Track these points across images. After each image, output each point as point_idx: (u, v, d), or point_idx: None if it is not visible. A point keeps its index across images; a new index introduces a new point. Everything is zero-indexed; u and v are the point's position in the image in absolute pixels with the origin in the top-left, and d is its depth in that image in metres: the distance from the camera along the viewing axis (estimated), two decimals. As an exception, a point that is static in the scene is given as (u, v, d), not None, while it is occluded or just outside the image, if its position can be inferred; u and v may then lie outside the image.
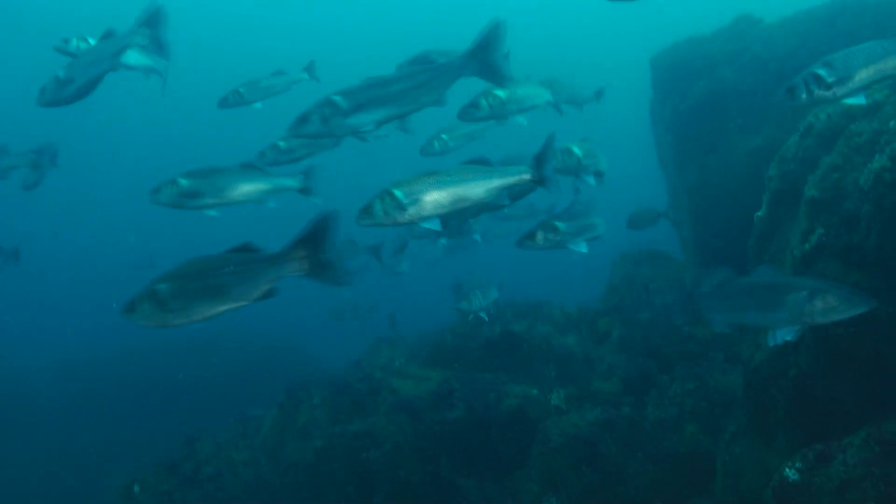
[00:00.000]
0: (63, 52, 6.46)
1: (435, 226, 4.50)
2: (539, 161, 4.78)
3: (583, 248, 5.70)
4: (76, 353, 17.61)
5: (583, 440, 7.31)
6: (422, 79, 4.98)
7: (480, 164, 4.68)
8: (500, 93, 5.94)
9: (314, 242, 4.07)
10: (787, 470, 4.99)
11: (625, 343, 8.96)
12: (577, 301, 12.26)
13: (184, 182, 5.38)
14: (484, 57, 4.99)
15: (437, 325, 12.04)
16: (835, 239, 5.35)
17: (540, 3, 37.12)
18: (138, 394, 16.29)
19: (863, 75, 4.38)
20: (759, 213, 6.75)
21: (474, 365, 9.71)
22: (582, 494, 7.13)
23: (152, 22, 5.71)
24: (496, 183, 4.67)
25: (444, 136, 7.37)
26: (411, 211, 4.44)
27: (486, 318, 7.57)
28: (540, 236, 5.60)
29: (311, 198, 5.42)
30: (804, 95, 4.47)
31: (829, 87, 4.40)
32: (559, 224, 5.60)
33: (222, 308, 4.07)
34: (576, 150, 6.27)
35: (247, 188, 5.46)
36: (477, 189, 4.60)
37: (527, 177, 4.76)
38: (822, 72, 4.43)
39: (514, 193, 4.97)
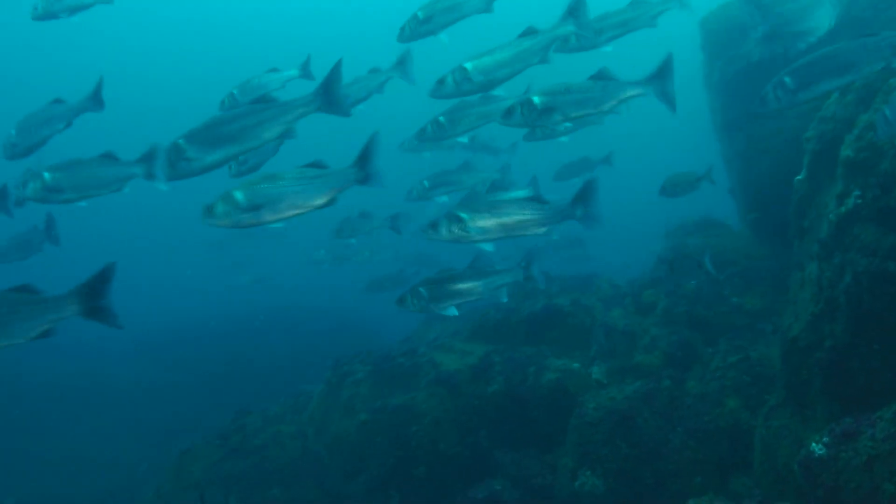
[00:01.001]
0: None
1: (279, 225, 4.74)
2: (363, 160, 4.84)
3: (489, 246, 5.36)
4: (143, 333, 18.26)
5: (619, 413, 7.14)
6: (268, 114, 5.04)
7: (316, 168, 4.79)
8: (468, 64, 5.68)
9: (93, 289, 4.34)
10: (814, 444, 4.77)
11: (669, 315, 8.68)
12: (633, 273, 11.95)
13: (47, 176, 5.44)
14: (325, 95, 5.09)
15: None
16: (871, 201, 5.04)
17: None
18: (201, 372, 16.85)
19: (822, 83, 4.75)
20: (800, 177, 6.42)
21: (518, 339, 9.61)
22: (618, 469, 6.99)
23: None
24: (329, 185, 4.78)
25: (441, 119, 6.71)
26: (248, 215, 4.61)
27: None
28: (444, 228, 5.24)
29: (155, 183, 5.46)
30: (774, 103, 4.77)
31: (793, 92, 4.70)
32: (464, 215, 5.16)
33: None
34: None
35: (105, 178, 5.55)
36: (314, 195, 4.73)
37: (352, 178, 4.84)
38: (787, 79, 4.76)
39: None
